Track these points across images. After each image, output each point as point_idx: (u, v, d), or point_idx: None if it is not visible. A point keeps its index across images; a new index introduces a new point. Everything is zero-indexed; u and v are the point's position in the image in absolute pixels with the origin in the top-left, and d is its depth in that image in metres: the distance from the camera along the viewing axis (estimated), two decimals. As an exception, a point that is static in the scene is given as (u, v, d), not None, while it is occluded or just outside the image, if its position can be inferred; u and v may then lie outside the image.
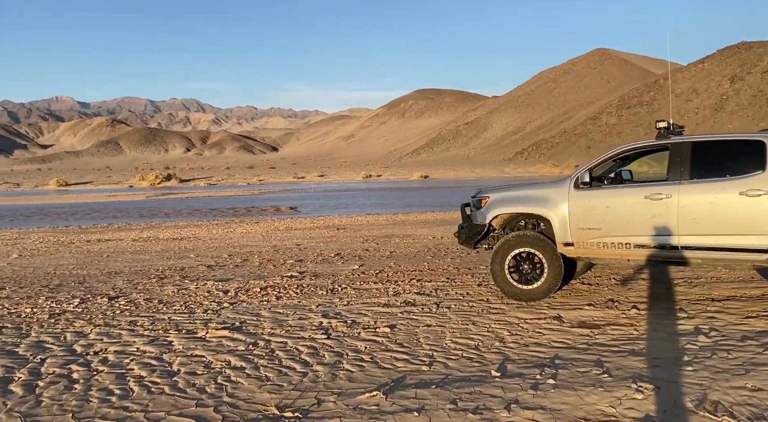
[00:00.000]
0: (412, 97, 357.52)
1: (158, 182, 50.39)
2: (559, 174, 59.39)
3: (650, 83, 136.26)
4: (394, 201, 28.93)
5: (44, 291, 7.81)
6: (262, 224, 17.48)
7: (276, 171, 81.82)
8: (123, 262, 10.54)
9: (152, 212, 24.69)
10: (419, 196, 33.10)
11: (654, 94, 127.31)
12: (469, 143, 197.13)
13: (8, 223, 20.98)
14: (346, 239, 13.16)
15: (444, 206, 24.31)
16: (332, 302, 6.69)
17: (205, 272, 9.12)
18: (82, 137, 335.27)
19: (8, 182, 53.37)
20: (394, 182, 52.24)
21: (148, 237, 14.64)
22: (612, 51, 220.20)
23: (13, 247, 13.17)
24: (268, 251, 11.43)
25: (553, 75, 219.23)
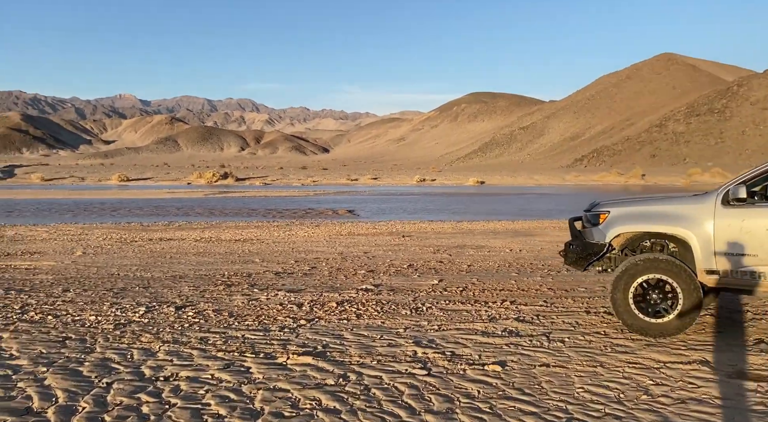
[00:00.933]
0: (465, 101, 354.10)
1: (215, 180, 51.09)
2: (625, 183, 56.94)
3: (722, 90, 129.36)
4: (454, 208, 28.01)
5: (108, 296, 7.36)
6: (323, 228, 16.94)
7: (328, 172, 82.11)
8: (187, 265, 10.10)
9: (211, 210, 24.65)
10: (479, 203, 32.03)
11: (726, 101, 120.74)
12: (524, 148, 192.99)
13: (73, 217, 21.27)
14: (415, 247, 12.39)
15: (509, 214, 23.24)
16: (420, 325, 5.91)
17: (274, 281, 8.52)
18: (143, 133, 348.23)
19: (74, 176, 55.41)
20: (449, 187, 51.19)
21: (209, 238, 14.29)
22: (679, 56, 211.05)
23: (77, 243, 13.03)
24: (336, 259, 10.78)
25: (615, 80, 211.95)
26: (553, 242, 13.14)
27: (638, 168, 63.03)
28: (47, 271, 9.39)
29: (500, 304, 6.84)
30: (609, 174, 63.06)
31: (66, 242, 13.35)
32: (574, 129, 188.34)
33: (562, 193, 43.47)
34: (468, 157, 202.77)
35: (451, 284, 8.17)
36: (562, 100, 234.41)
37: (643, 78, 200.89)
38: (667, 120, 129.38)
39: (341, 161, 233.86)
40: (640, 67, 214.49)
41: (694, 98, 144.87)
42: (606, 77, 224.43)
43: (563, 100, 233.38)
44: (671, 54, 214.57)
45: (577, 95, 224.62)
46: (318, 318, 6.23)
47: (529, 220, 19.49)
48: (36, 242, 13.20)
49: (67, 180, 52.22)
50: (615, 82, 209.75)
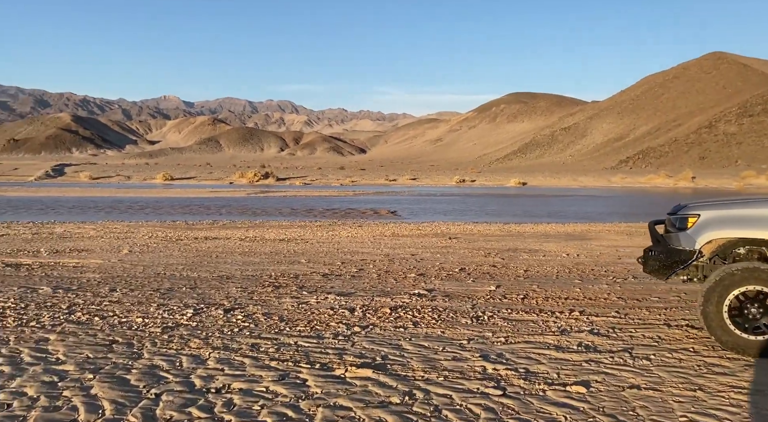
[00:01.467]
0: (504, 101, 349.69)
1: (256, 179, 51.54)
2: (674, 186, 54.76)
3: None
4: (498, 209, 27.32)
5: (155, 296, 7.15)
6: (366, 228, 16.60)
7: (366, 173, 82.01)
8: (233, 264, 9.88)
9: (254, 210, 24.66)
10: (523, 205, 31.20)
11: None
12: (565, 149, 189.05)
13: (119, 215, 21.56)
14: (464, 250, 11.90)
15: (557, 217, 22.46)
16: (484, 336, 5.46)
17: (322, 283, 8.19)
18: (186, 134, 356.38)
19: (120, 175, 56.84)
20: (490, 188, 50.26)
21: (254, 237, 14.13)
22: (729, 55, 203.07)
23: (123, 242, 13.04)
24: (383, 261, 10.40)
25: (661, 79, 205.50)
26: (612, 247, 12.45)
27: (688, 170, 60.43)
28: (94, 269, 9.31)
29: (568, 314, 6.31)
30: (657, 176, 60.78)
31: (112, 239, 13.38)
32: (618, 130, 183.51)
33: (609, 195, 42.09)
34: (507, 158, 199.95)
35: (510, 290, 7.67)
36: (605, 101, 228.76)
37: (691, 77, 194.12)
38: (718, 121, 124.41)
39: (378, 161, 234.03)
40: (687, 66, 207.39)
41: (746, 98, 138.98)
42: (652, 77, 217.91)
43: (606, 100, 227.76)
44: (721, 53, 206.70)
45: (622, 95, 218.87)
46: (372, 325, 5.85)
47: (580, 223, 18.71)
48: (83, 240, 13.27)
49: (114, 179, 53.57)
50: (661, 82, 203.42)
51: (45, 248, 11.86)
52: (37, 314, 6.10)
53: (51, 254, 10.97)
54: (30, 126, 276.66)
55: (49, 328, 5.58)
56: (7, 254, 10.84)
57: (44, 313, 6.17)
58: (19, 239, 13.32)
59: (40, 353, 4.82)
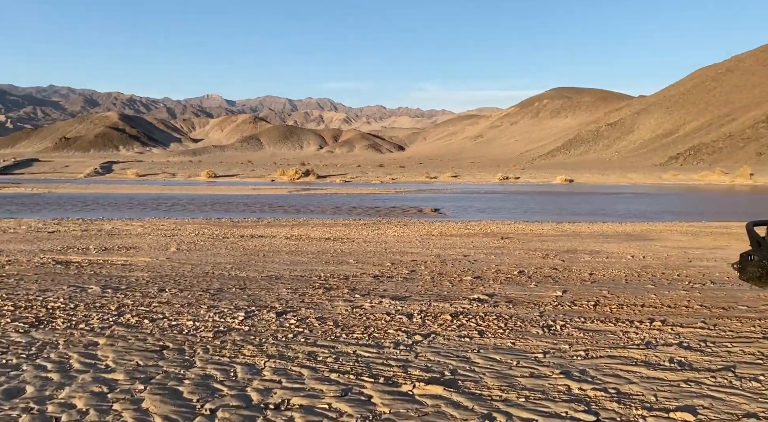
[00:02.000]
0: (547, 96, 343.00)
1: (297, 177, 51.76)
2: (731, 183, 52.16)
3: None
4: (547, 208, 26.47)
5: (205, 297, 6.91)
6: (412, 227, 16.18)
7: (405, 170, 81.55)
8: (281, 264, 9.62)
9: (297, 207, 24.57)
10: (572, 203, 30.19)
11: None
12: (611, 145, 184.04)
13: (166, 212, 21.76)
14: (519, 251, 11.34)
15: (611, 216, 21.54)
16: (560, 349, 4.96)
17: (374, 285, 7.81)
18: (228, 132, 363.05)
19: (166, 172, 58.05)
20: (535, 185, 49.05)
21: (299, 235, 13.90)
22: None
23: (171, 239, 12.98)
24: (434, 262, 9.96)
25: (713, 73, 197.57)
26: (678, 248, 11.66)
27: (746, 167, 57.38)
28: (143, 268, 9.19)
29: (649, 324, 5.74)
30: (712, 173, 58.02)
31: (160, 237, 13.36)
32: (666, 125, 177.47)
33: (661, 193, 40.46)
34: (550, 154, 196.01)
35: (578, 296, 7.12)
36: (653, 95, 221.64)
37: (746, 70, 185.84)
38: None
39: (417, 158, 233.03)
40: (742, 58, 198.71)
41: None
42: (703, 70, 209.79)
43: (654, 95, 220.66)
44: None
45: (671, 90, 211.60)
46: (434, 334, 5.42)
47: (637, 222, 17.81)
48: (131, 237, 13.29)
49: (160, 176, 54.71)
50: (713, 76, 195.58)
51: (94, 245, 11.89)
52: (87, 316, 5.92)
53: (100, 252, 10.96)
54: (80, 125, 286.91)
55: (99, 331, 5.37)
56: (58, 252, 10.87)
57: (93, 314, 5.98)
58: (70, 235, 13.45)
59: (89, 359, 4.58)
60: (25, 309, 6.15)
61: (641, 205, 29.07)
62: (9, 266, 9.06)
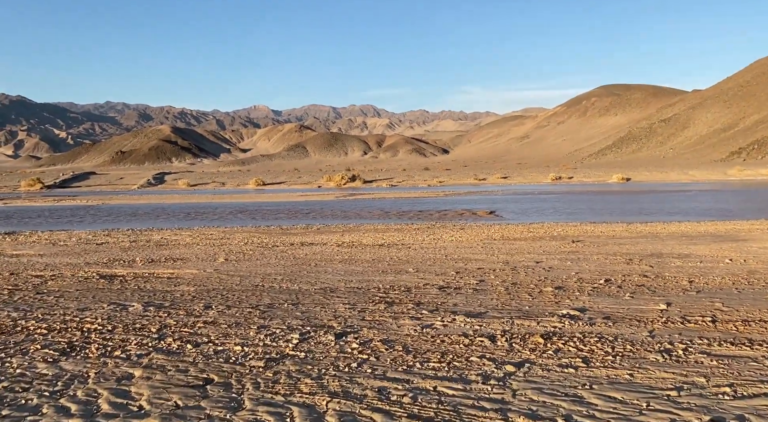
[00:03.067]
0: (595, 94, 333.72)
1: (344, 183, 51.32)
2: (803, 177, 48.52)
3: None
4: (608, 207, 24.89)
5: (254, 315, 6.16)
6: (469, 231, 15.16)
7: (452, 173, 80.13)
8: (334, 274, 8.83)
9: (345, 213, 23.90)
10: (636, 202, 28.41)
11: None
12: (665, 142, 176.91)
13: (215, 221, 21.46)
14: (597, 256, 10.19)
15: (681, 214, 19.91)
16: (696, 384, 3.92)
17: (441, 298, 6.90)
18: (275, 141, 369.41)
19: (216, 182, 58.79)
20: (590, 184, 46.97)
21: (351, 242, 13.13)
22: None
23: (219, 249, 12.43)
24: (504, 270, 8.96)
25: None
26: (782, 250, 10.25)
27: (822, 159, 53.27)
28: (189, 281, 8.57)
29: (798, 349, 4.60)
30: (784, 167, 54.33)
31: (208, 247, 12.84)
32: (725, 120, 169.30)
33: (729, 189, 37.87)
34: (601, 153, 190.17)
35: (687, 310, 6.01)
36: (709, 89, 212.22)
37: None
38: None
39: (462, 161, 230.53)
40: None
41: None
42: (763, 61, 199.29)
43: (710, 88, 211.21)
44: None
45: (728, 82, 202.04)
46: (529, 362, 4.46)
47: (719, 221, 16.22)
48: (179, 247, 12.82)
49: (210, 185, 55.38)
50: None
51: (141, 257, 11.44)
52: (124, 341, 5.24)
53: (146, 264, 10.46)
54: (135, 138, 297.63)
55: (135, 360, 4.66)
56: (102, 265, 10.43)
57: (131, 339, 5.30)
58: (117, 247, 13.10)
59: (120, 397, 3.85)
60: (59, 333, 5.54)
61: (711, 202, 27.05)
62: (52, 281, 8.60)
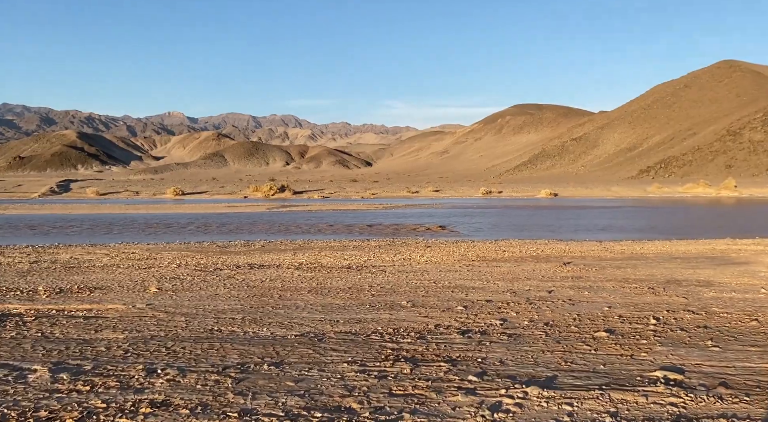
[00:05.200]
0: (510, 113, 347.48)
1: (272, 193, 48.58)
2: (717, 195, 51.30)
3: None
4: (556, 223, 24.25)
5: (225, 388, 4.13)
6: (437, 250, 13.56)
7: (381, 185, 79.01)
8: (310, 311, 6.87)
9: (286, 227, 21.68)
10: (580, 217, 28.10)
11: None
12: (577, 159, 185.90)
13: (135, 236, 18.61)
14: (608, 283, 8.85)
15: (640, 232, 19.39)
16: None
17: (474, 350, 5.16)
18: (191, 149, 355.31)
19: (128, 190, 53.95)
20: (521, 199, 47.17)
21: (310, 263, 11.13)
22: (741, 62, 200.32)
23: (147, 273, 10.04)
24: (519, 303, 7.37)
25: (671, 88, 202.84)
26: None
27: (730, 179, 56.91)
28: (114, 323, 6.32)
29: None
30: (697, 185, 57.30)
31: (133, 270, 10.40)
32: (630, 140, 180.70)
33: (658, 206, 38.95)
34: (517, 169, 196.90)
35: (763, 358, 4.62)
36: (615, 111, 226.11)
37: (703, 86, 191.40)
38: (743, 128, 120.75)
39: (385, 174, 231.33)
40: (698, 74, 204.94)
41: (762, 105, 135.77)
42: (661, 86, 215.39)
43: (616, 110, 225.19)
44: (732, 61, 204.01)
45: (631, 105, 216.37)
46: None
47: (691, 240, 15.60)
48: (95, 271, 10.29)
49: (122, 194, 50.72)
50: (672, 91, 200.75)
51: (45, 284, 8.89)
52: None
53: (53, 296, 8.00)
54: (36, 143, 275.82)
55: None
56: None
57: (33, 454, 3.16)
58: (13, 271, 10.36)
59: None
60: None
61: (656, 220, 27.22)
62: None
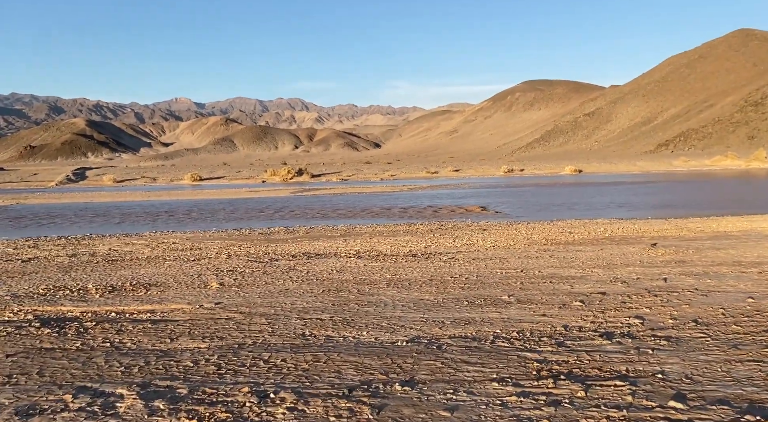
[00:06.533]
0: (519, 90, 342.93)
1: (290, 177, 47.72)
2: (747, 167, 49.79)
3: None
4: (602, 200, 23.22)
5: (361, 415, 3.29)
6: (495, 233, 12.65)
7: (396, 166, 77.88)
8: (402, 308, 6.02)
9: (320, 211, 20.83)
10: (620, 194, 27.01)
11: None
12: (590, 135, 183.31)
13: (166, 224, 17.83)
14: (723, 268, 7.93)
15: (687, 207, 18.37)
16: None
17: (636, 362, 4.28)
18: (199, 135, 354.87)
19: (145, 177, 53.29)
20: (546, 177, 46.00)
21: (367, 251, 10.28)
22: (758, 31, 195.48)
23: (200, 266, 9.22)
24: (643, 296, 6.47)
25: (686, 60, 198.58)
26: None
27: (761, 150, 55.17)
28: (189, 329, 5.51)
29: None
30: (725, 157, 55.70)
31: (182, 262, 9.60)
32: (644, 113, 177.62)
33: (694, 180, 37.69)
34: (530, 146, 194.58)
35: None
36: (627, 85, 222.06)
37: (719, 56, 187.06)
38: (765, 98, 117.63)
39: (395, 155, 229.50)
40: (714, 44, 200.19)
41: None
42: (675, 58, 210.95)
43: (629, 84, 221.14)
44: (748, 29, 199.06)
45: (644, 78, 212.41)
46: None
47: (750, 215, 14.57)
48: (142, 264, 9.51)
49: (139, 181, 50.03)
50: (687, 63, 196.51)
51: (93, 281, 8.12)
52: None
53: (107, 295, 7.21)
54: (45, 132, 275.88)
55: None
56: (40, 297, 7.07)
57: None
58: (54, 265, 9.60)
59: None
60: None
61: (702, 194, 26.13)
62: (-39, 340, 5.28)
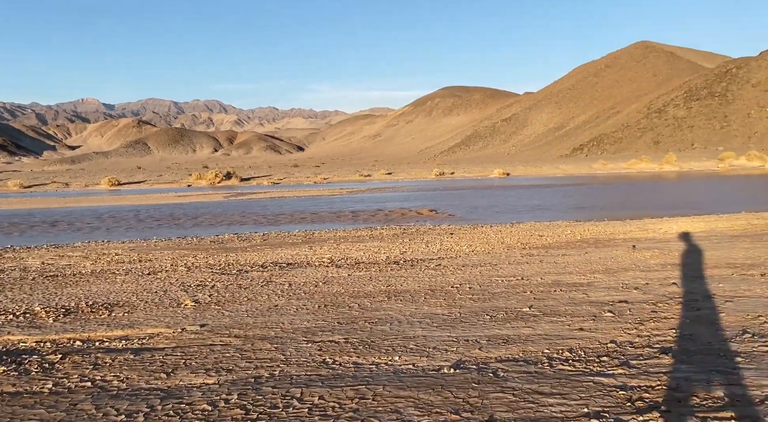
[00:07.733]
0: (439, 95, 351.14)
1: (218, 181, 45.57)
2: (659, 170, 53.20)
3: (720, 73, 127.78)
4: (541, 203, 23.65)
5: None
6: (465, 237, 12.32)
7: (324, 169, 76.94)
8: (423, 326, 5.44)
9: (264, 216, 19.73)
10: (551, 196, 27.71)
11: (726, 84, 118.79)
12: (508, 140, 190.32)
13: (94, 233, 16.16)
14: (727, 271, 7.92)
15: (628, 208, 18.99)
16: None
17: (715, 384, 3.94)
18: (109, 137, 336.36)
19: (57, 182, 49.01)
20: (477, 179, 46.81)
21: (342, 259, 9.59)
22: (656, 44, 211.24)
23: (160, 280, 8.16)
24: (670, 304, 6.24)
25: (593, 69, 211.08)
26: None
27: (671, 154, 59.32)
28: (180, 358, 4.64)
29: None
30: (640, 161, 59.27)
31: (137, 275, 8.48)
32: (557, 119, 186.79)
33: (617, 182, 39.57)
34: (451, 150, 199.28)
35: None
36: (540, 92, 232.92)
37: (623, 66, 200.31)
38: (666, 106, 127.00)
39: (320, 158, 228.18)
40: (617, 55, 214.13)
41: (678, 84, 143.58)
42: (583, 67, 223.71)
43: (542, 91, 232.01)
44: (648, 42, 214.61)
45: (555, 86, 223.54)
46: None
47: (708, 215, 15.18)
48: (90, 280, 8.30)
49: (50, 186, 46.01)
50: (594, 72, 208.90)
51: (39, 302, 6.92)
52: None
53: (62, 319, 6.10)
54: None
55: None
56: (-18, 329, 5.84)
57: None
58: (-20, 285, 8.16)
59: None
60: None
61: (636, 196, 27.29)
62: None
